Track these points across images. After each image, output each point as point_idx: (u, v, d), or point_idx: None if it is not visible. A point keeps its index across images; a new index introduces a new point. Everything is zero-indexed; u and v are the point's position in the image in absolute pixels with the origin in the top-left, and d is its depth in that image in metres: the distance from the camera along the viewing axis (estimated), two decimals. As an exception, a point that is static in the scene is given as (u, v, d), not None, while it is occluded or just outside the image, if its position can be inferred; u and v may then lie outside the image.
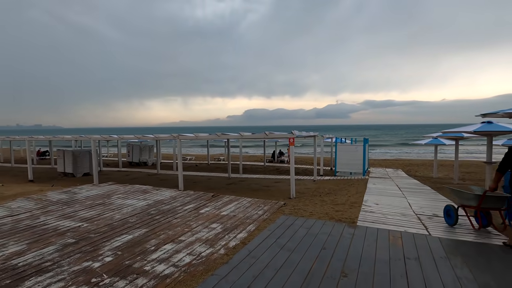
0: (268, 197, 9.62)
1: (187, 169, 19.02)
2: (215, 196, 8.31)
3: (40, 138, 17.36)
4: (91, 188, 9.63)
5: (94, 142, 15.07)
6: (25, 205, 7.47)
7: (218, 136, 12.81)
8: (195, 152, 34.96)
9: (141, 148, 23.01)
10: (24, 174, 15.53)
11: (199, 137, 13.46)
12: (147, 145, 23.17)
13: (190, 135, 13.24)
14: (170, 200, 7.83)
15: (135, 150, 22.89)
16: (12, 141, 21.86)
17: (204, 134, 13.61)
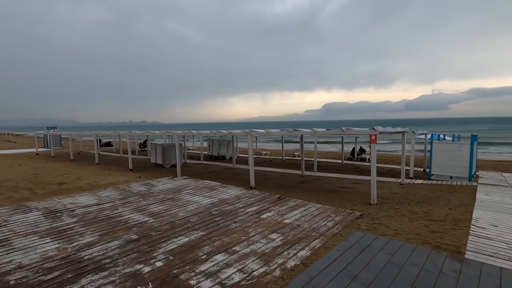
0: (344, 201, 8.45)
1: (261, 164, 18.89)
2: (281, 199, 7.63)
3: (136, 132, 19.83)
4: (167, 181, 10.21)
5: (178, 137, 16.32)
6: (111, 194, 8.29)
7: (290, 132, 12.04)
8: (271, 147, 35.03)
9: (220, 143, 24.15)
10: (128, 164, 17.92)
11: (270, 133, 12.97)
12: (225, 140, 24.19)
13: (261, 130, 12.87)
14: (233, 200, 7.53)
15: (215, 144, 24.16)
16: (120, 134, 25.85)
17: (275, 130, 13.06)
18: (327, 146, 37.13)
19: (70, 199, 7.77)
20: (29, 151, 27.77)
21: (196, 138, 38.28)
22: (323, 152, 26.62)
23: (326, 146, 38.30)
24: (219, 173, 14.75)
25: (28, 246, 4.83)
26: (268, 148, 32.25)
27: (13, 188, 8.25)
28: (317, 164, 15.66)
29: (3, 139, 49.59)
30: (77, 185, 8.99)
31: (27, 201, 7.60)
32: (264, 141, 43.67)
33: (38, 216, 6.39)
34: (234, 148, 25.36)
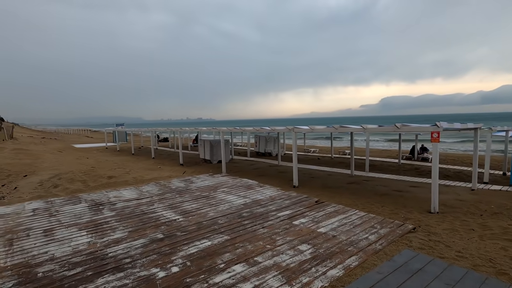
0: (397, 206, 7.38)
1: (308, 162, 18.04)
2: (319, 203, 6.91)
3: (185, 129, 20.68)
4: (207, 178, 10.22)
5: (223, 133, 16.49)
6: (151, 189, 8.55)
7: (336, 129, 11.07)
8: (320, 144, 33.55)
9: (267, 139, 23.89)
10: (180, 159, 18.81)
11: (315, 130, 12.16)
12: (272, 137, 23.84)
13: (305, 127, 12.15)
14: (267, 202, 7.07)
15: (262, 141, 23.99)
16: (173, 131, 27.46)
17: (320, 127, 12.19)
18: (385, 144, 34.13)
19: (115, 193, 8.22)
20: (101, 146, 31.23)
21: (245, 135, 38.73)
22: (378, 151, 24.39)
23: (384, 144, 35.26)
24: (263, 170, 14.41)
25: (65, 238, 5.10)
26: (317, 146, 30.93)
27: (71, 180, 9.08)
28: (369, 163, 14.28)
29: (83, 134, 57.06)
30: (124, 179, 9.53)
31: (80, 192, 8.27)
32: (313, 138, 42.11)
33: (83, 208, 6.83)
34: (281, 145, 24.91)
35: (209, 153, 19.74)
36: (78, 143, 34.21)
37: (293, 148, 11.30)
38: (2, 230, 5.52)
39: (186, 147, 28.24)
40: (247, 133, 26.09)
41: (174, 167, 15.82)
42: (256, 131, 15.39)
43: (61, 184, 8.70)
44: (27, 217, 6.27)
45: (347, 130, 10.92)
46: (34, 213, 6.53)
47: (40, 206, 7.06)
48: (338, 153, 23.05)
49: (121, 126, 38.68)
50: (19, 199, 7.66)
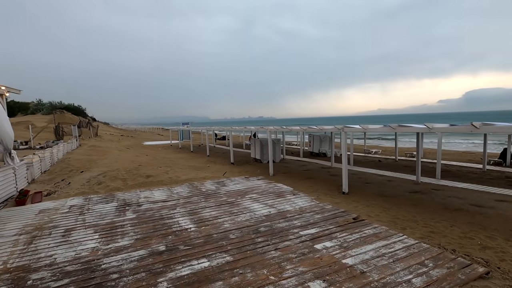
0: (474, 227, 5.72)
1: (366, 164, 16.06)
2: (357, 220, 5.61)
3: (236, 128, 20.60)
4: (240, 181, 9.64)
5: (270, 132, 15.82)
6: (182, 191, 8.36)
7: (393, 129, 9.30)
8: (386, 145, 30.01)
9: (321, 139, 22.34)
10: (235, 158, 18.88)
11: (367, 129, 10.53)
12: (327, 136, 22.19)
13: (357, 126, 10.62)
14: (294, 214, 6.07)
15: (316, 140, 22.54)
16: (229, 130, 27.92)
17: (374, 126, 10.48)
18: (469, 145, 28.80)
19: (147, 193, 8.27)
20: (166, 143, 33.80)
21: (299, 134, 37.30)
22: (457, 153, 20.49)
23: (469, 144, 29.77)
24: (313, 172, 13.27)
25: (77, 241, 5.07)
26: (381, 146, 27.75)
27: (113, 178, 9.55)
28: (441, 168, 11.84)
29: (156, 132, 63.20)
30: (161, 178, 9.62)
31: (117, 191, 8.58)
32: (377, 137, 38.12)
33: (111, 208, 6.93)
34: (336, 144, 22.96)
35: (260, 153, 19.29)
36: (149, 141, 37.75)
37: (342, 149, 9.97)
38: (32, 226, 5.84)
39: (241, 146, 28.47)
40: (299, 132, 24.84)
41: (223, 166, 15.81)
42: (304, 130, 14.28)
43: (104, 182, 9.20)
44: (62, 213, 6.61)
45: (407, 130, 9.04)
46: (69, 210, 6.86)
47: (78, 203, 7.45)
48: (404, 155, 20.15)
49: (186, 125, 41.40)
50: (66, 195, 8.27)
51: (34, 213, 6.68)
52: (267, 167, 13.74)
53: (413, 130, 9.01)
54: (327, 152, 22.00)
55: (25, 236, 5.34)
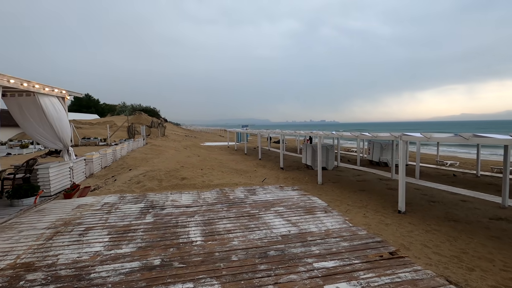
0: None
1: (437, 179, 13.61)
2: (395, 257, 4.35)
3: (286, 132, 19.85)
4: (273, 191, 8.88)
5: (320, 138, 14.72)
6: (209, 197, 8.06)
7: (466, 139, 7.43)
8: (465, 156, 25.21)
9: (383, 147, 20.00)
10: (286, 163, 18.31)
11: (432, 139, 8.69)
12: (389, 144, 19.75)
13: (417, 135, 8.92)
14: (316, 238, 5.09)
15: (376, 148, 20.31)
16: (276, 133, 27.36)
17: (441, 135, 8.59)
18: None
19: (176, 196, 8.21)
20: (224, 144, 34.96)
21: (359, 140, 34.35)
22: None
23: None
24: (368, 184, 11.83)
25: (88, 241, 5.11)
26: (460, 157, 23.56)
27: (151, 178, 9.84)
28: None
29: (218, 134, 66.37)
30: (194, 182, 9.54)
31: (150, 191, 8.76)
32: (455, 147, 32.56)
33: (136, 209, 6.99)
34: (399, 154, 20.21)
35: (311, 159, 18.23)
36: (208, 141, 39.62)
37: (400, 159, 8.47)
38: (62, 221, 6.20)
39: (295, 150, 27.59)
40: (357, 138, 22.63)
41: (271, 170, 15.29)
42: (356, 136, 12.77)
43: (142, 181, 9.54)
44: (93, 210, 6.93)
45: (485, 142, 7.03)
46: (101, 207, 7.17)
47: (111, 201, 7.77)
48: (490, 170, 16.54)
49: (245, 128, 42.30)
50: (107, 191, 8.79)
51: (72, 208, 7.16)
52: (317, 175, 12.71)
53: (493, 142, 6.98)
54: (388, 161, 19.61)
55: (51, 231, 5.65)
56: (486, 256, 5.08)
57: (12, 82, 6.88)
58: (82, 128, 31.79)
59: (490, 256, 5.08)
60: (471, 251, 5.31)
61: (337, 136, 14.25)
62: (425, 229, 6.56)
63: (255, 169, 15.71)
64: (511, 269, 4.61)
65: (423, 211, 7.96)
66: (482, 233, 6.28)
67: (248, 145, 32.61)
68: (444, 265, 4.62)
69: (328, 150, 18.04)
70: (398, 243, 5.41)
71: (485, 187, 11.65)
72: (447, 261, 4.79)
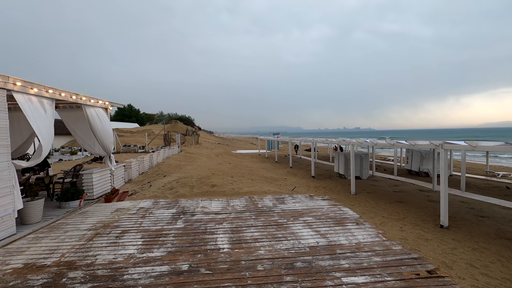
0: None
1: (487, 191, 12.44)
2: (433, 276, 3.99)
3: (317, 139, 19.47)
4: (302, 200, 8.69)
5: (353, 146, 14.27)
6: (238, 204, 8.12)
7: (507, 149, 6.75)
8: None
9: (423, 155, 18.75)
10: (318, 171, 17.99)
11: (478, 147, 8.00)
12: (430, 152, 18.46)
13: (461, 143, 8.28)
14: (346, 251, 4.85)
15: (415, 157, 19.11)
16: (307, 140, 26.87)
17: (489, 143, 7.87)
18: None
19: (206, 202, 8.39)
20: (255, 152, 35.21)
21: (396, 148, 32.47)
22: None
23: None
24: (406, 195, 11.19)
25: (123, 244, 5.40)
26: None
27: (183, 184, 10.17)
28: None
29: (249, 141, 67.01)
30: (224, 189, 9.68)
31: (182, 197, 9.05)
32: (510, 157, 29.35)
33: (169, 214, 7.26)
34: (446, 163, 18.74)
35: (344, 167, 17.69)
36: (240, 149, 40.14)
37: (441, 170, 7.92)
38: (102, 223, 6.63)
39: (328, 158, 26.92)
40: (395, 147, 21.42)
41: (302, 179, 15.08)
42: (391, 145, 12.13)
43: (175, 187, 9.90)
44: (129, 214, 7.33)
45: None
46: (136, 212, 7.56)
47: (146, 205, 8.16)
48: (552, 183, 14.72)
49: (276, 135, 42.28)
50: (143, 196, 9.25)
51: (111, 211, 7.64)
52: (350, 184, 12.29)
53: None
54: (429, 171, 18.32)
55: (92, 232, 6.07)
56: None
57: (63, 95, 7.62)
58: (124, 136, 34.02)
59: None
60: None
61: (371, 144, 13.66)
62: (471, 246, 5.98)
63: (285, 177, 15.55)
64: None
65: (469, 227, 7.29)
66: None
67: (279, 153, 32.49)
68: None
69: (362, 159, 17.34)
70: (439, 261, 4.97)
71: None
72: (497, 284, 4.31)
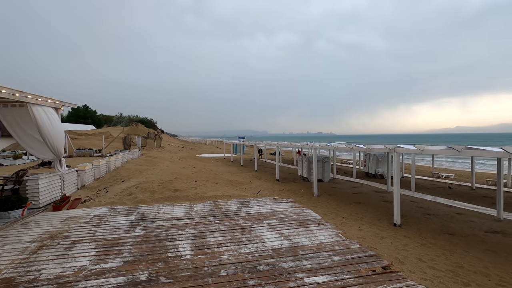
0: None
1: (433, 191, 13.58)
2: (388, 271, 4.25)
3: (282, 143, 19.85)
4: (267, 203, 8.78)
5: (315, 150, 14.74)
6: (202, 209, 7.93)
7: (459, 152, 7.45)
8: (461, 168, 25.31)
9: (378, 158, 20.02)
10: (282, 174, 18.15)
11: (425, 151, 8.72)
12: (385, 156, 19.79)
13: (411, 147, 8.97)
14: (308, 252, 4.97)
15: (372, 160, 20.33)
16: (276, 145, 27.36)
17: (435, 147, 8.62)
18: None
19: (168, 208, 8.06)
20: (220, 156, 34.79)
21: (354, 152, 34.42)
22: None
23: None
24: (364, 196, 11.76)
25: (73, 256, 4.94)
26: (455, 170, 23.63)
27: (144, 190, 9.69)
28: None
29: (215, 145, 66.24)
30: (187, 194, 9.40)
31: (142, 203, 8.60)
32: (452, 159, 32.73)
33: (127, 222, 6.84)
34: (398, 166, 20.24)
35: (307, 171, 18.16)
36: (205, 153, 39.46)
37: (394, 173, 8.47)
38: (49, 234, 6.02)
39: (292, 162, 27.53)
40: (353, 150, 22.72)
41: (267, 182, 15.18)
42: (351, 148, 12.80)
43: (134, 193, 9.38)
44: (81, 223, 6.76)
45: (478, 155, 7.05)
46: (90, 220, 7.00)
47: (101, 213, 7.61)
48: (485, 183, 16.56)
49: (242, 139, 42.23)
50: (98, 203, 8.61)
51: (60, 220, 6.99)
52: (313, 187, 12.66)
53: (486, 155, 7.00)
54: (384, 173, 19.60)
55: (36, 244, 5.47)
56: (482, 271, 4.98)
57: (4, 92, 6.83)
58: (78, 139, 31.57)
59: (486, 271, 4.99)
60: (466, 265, 5.22)
61: (332, 148, 14.26)
62: (420, 242, 6.47)
63: (251, 181, 15.58)
64: (507, 284, 4.51)
65: (418, 224, 7.89)
66: (477, 246, 6.21)
67: (245, 157, 32.53)
68: (439, 279, 4.51)
69: (324, 162, 17.98)
70: (392, 257, 5.30)
71: (480, 199, 11.63)
72: (442, 276, 4.69)
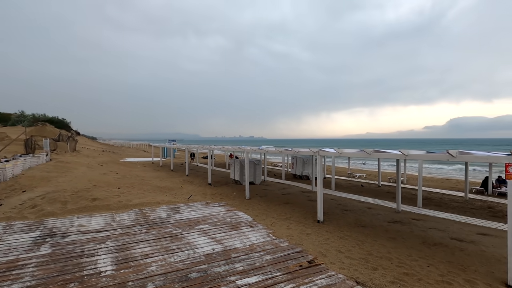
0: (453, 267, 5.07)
1: (349, 189, 15.22)
2: (313, 265, 4.61)
3: (214, 147, 19.67)
4: (198, 208, 8.60)
5: (248, 153, 14.99)
6: (126, 219, 7.27)
7: (369, 154, 8.56)
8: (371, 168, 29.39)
9: (304, 161, 21.59)
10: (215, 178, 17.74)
11: (343, 154, 9.77)
12: (310, 158, 21.48)
13: (331, 150, 9.89)
14: (240, 254, 5.03)
15: (299, 162, 21.77)
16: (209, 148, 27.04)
17: (350, 150, 9.74)
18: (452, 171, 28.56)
19: (83, 220, 7.12)
20: (148, 160, 32.43)
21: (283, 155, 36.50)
22: (440, 179, 19.93)
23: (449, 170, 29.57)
24: (292, 197, 12.36)
25: (-51, 288, 3.92)
26: (366, 170, 27.14)
27: (53, 201, 8.38)
28: (423, 195, 11.08)
29: (142, 149, 61.55)
30: (108, 202, 8.50)
31: (51, 216, 7.41)
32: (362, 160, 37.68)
33: (29, 239, 5.77)
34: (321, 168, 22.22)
35: (239, 174, 18.30)
36: (131, 157, 36.27)
37: (317, 173, 9.20)
38: None
39: (224, 165, 27.47)
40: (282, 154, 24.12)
41: (199, 187, 14.74)
42: (280, 152, 13.51)
43: (40, 205, 8.02)
44: (-38, 246, 5.42)
45: (383, 156, 8.29)
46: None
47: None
48: (388, 180, 19.45)
49: (172, 143, 40.13)
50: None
51: None
52: (245, 190, 12.83)
53: (389, 157, 8.27)
54: (310, 175, 21.20)
55: None
56: (386, 256, 5.80)
57: None
58: (-42, 142, 25.34)
59: (389, 255, 5.83)
60: (375, 252, 6.00)
61: (263, 151, 14.81)
62: (339, 235, 7.17)
63: (182, 186, 15.01)
64: (405, 265, 5.34)
65: (338, 219, 8.75)
66: (383, 235, 7.19)
67: (175, 161, 31.16)
68: (354, 267, 5.08)
69: (256, 165, 18.45)
70: (317, 251, 5.75)
71: (385, 195, 13.57)
72: (356, 264, 5.29)
